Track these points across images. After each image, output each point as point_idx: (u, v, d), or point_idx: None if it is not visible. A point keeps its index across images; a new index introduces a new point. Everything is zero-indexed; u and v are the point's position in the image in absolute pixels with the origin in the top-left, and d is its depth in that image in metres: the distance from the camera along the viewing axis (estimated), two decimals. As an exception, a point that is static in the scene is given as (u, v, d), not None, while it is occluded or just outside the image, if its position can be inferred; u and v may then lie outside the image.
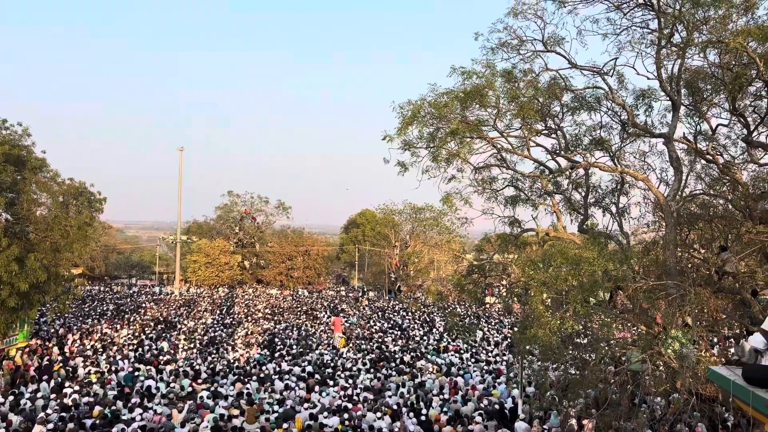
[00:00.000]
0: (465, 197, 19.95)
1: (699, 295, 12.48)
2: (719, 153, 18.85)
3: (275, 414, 17.62)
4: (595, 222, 20.35)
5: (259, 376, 23.40)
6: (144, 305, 47.86)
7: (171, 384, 21.58)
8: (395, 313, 46.64)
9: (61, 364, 24.64)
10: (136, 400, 18.93)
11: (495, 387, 21.29)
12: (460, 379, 22.67)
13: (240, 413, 17.51)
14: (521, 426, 16.22)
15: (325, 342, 33.04)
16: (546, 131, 19.57)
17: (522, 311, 16.98)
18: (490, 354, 29.10)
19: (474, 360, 27.59)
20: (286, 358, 27.87)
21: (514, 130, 19.23)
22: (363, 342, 33.09)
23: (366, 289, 65.96)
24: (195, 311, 45.61)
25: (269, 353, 29.15)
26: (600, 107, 18.93)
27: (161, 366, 24.89)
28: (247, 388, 21.02)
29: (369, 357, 28.04)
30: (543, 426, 16.26)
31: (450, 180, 19.55)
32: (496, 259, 21.16)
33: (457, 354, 28.88)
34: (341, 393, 20.70)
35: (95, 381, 21.69)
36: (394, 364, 26.31)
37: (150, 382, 21.54)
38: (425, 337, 34.71)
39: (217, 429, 16.04)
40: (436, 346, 31.53)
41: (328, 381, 22.63)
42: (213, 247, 67.67)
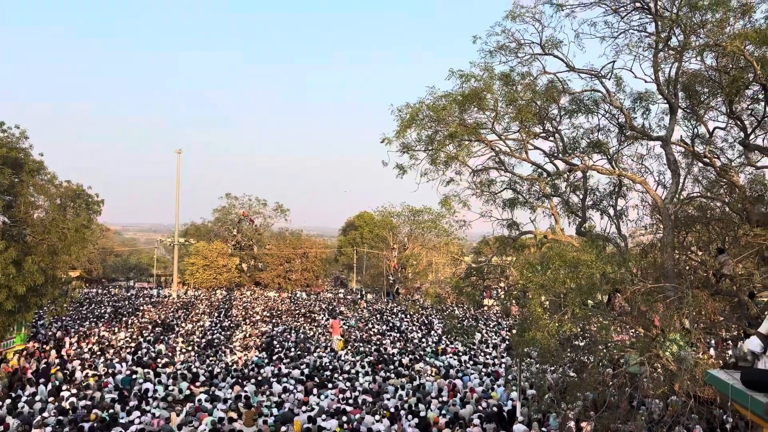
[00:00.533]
0: (463, 200, 19.97)
1: (697, 298, 12.50)
2: (716, 156, 18.90)
3: (273, 417, 17.61)
4: (593, 225, 20.37)
5: (257, 378, 23.37)
6: (142, 308, 47.79)
7: (169, 387, 21.55)
8: (393, 316, 46.63)
9: (59, 367, 24.59)
10: (133, 403, 18.90)
11: (494, 389, 21.29)
12: (458, 382, 22.67)
13: (238, 416, 17.49)
14: (519, 428, 16.23)
15: (324, 345, 33.02)
16: (544, 134, 19.60)
17: (520, 314, 16.98)
18: (488, 356, 29.11)
19: (472, 362, 27.59)
20: (284, 360, 27.84)
21: (512, 133, 19.26)
22: (361, 344, 33.08)
23: (364, 292, 65.92)
24: (193, 314, 45.55)
25: (267, 356, 29.12)
26: (598, 110, 18.97)
27: (159, 369, 24.85)
28: (245, 391, 20.99)
29: (367, 360, 28.02)
30: (542, 428, 16.27)
31: (448, 183, 19.57)
32: (494, 262, 21.17)
33: (456, 356, 28.88)
34: (339, 396, 20.69)
35: (93, 384, 21.64)
36: (392, 366, 26.30)
37: (148, 385, 21.50)
38: (423, 340, 34.70)
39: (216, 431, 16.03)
40: (434, 348, 31.53)
41: (326, 384, 22.61)
42: (211, 250, 67.59)
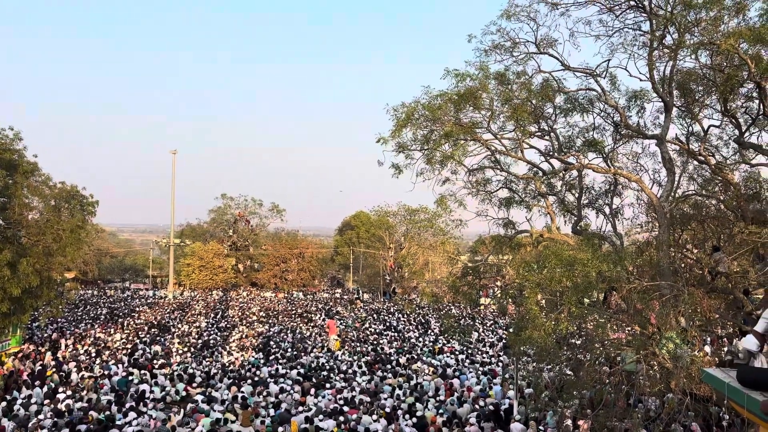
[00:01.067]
0: (459, 199, 20.02)
1: (692, 296, 12.54)
2: (711, 154, 18.96)
3: (270, 417, 17.58)
4: (589, 223, 20.43)
5: (254, 379, 23.33)
6: (137, 309, 47.68)
7: (165, 388, 21.50)
8: (390, 315, 46.62)
9: (55, 369, 24.51)
10: (130, 404, 18.85)
11: (491, 388, 21.30)
12: (455, 381, 22.67)
13: (235, 417, 17.46)
14: (516, 427, 16.23)
15: (320, 345, 32.99)
16: (539, 133, 19.64)
17: (517, 312, 17.00)
18: (485, 355, 29.13)
19: (470, 361, 27.60)
20: (280, 361, 27.81)
21: (507, 132, 19.31)
22: (358, 344, 33.06)
23: (361, 292, 65.91)
24: (189, 315, 45.46)
25: (264, 356, 29.08)
26: (593, 109, 19.03)
27: (155, 370, 24.78)
28: (242, 391, 20.96)
29: (364, 359, 28.01)
30: (539, 427, 16.28)
31: (444, 182, 19.61)
32: (490, 261, 21.19)
33: (453, 355, 28.88)
34: (337, 396, 20.67)
35: (89, 385, 21.58)
36: (389, 366, 26.29)
37: (144, 386, 21.44)
38: (421, 339, 34.70)
39: (212, 433, 16.00)
40: (431, 347, 31.53)
41: (323, 384, 22.59)
42: (207, 250, 67.47)
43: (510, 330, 17.85)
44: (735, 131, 17.84)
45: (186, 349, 30.88)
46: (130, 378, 22.93)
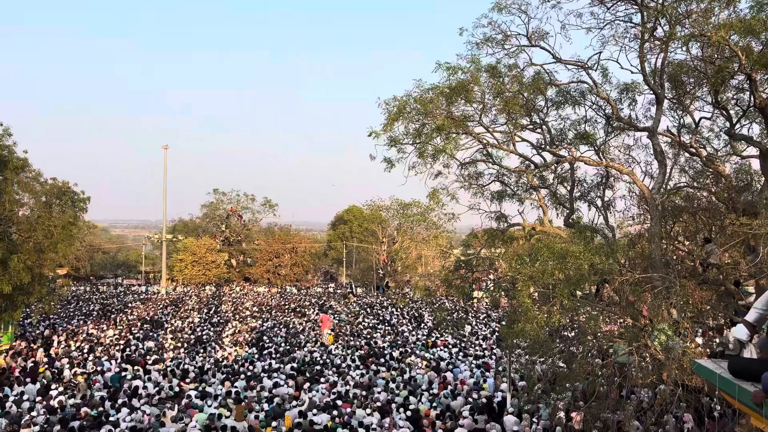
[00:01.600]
0: (451, 193, 20.02)
1: (684, 287, 12.60)
2: (702, 146, 19.04)
3: (264, 412, 17.57)
4: (581, 216, 20.49)
5: (247, 374, 23.31)
6: (130, 305, 47.51)
7: (159, 384, 21.45)
8: (383, 309, 46.67)
9: (47, 366, 24.40)
10: (123, 400, 18.79)
11: (485, 381, 21.37)
12: (449, 374, 22.73)
13: (229, 412, 17.43)
14: (510, 419, 16.28)
15: (314, 339, 33.00)
16: (531, 126, 19.64)
17: (509, 305, 17.04)
18: (478, 348, 29.21)
19: (463, 354, 27.68)
20: (274, 355, 27.80)
21: (499, 125, 19.31)
22: (352, 338, 33.09)
23: (354, 286, 65.94)
24: (182, 310, 45.35)
25: (257, 351, 29.06)
26: (584, 101, 19.05)
27: (149, 366, 24.72)
28: (236, 386, 20.93)
29: (358, 353, 28.04)
30: (532, 419, 16.35)
31: (436, 176, 19.59)
32: (483, 254, 21.22)
33: (446, 349, 28.95)
34: (330, 390, 20.69)
35: (81, 382, 21.49)
36: (383, 360, 26.33)
37: (137, 382, 21.38)
38: (414, 333, 34.76)
39: (206, 428, 15.96)
40: (424, 341, 31.60)
41: (317, 378, 22.60)
42: (199, 246, 67.28)
43: (503, 323, 17.90)
44: (726, 123, 17.91)
45: (179, 345, 30.81)
46: (123, 374, 22.86)
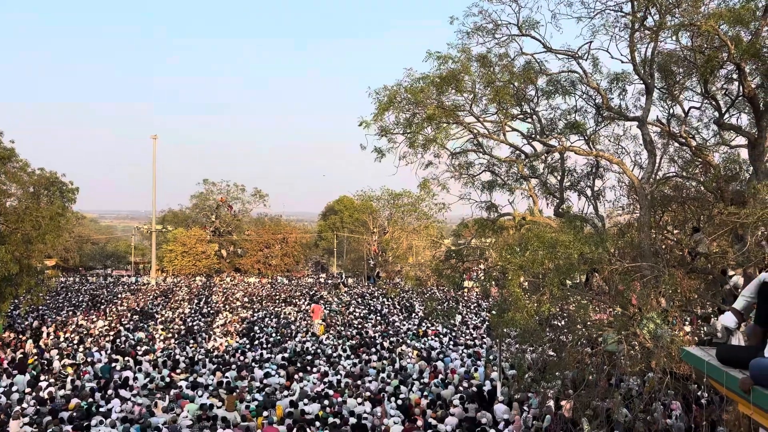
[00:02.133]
0: (442, 183, 20.03)
1: (673, 276, 12.68)
2: (692, 136, 19.12)
3: (255, 402, 17.58)
4: (571, 205, 20.56)
5: (238, 364, 23.32)
6: (120, 296, 47.32)
7: (149, 374, 21.40)
8: (374, 299, 46.76)
9: (36, 357, 24.28)
10: (113, 391, 18.75)
11: (475, 370, 21.49)
12: (439, 364, 22.83)
13: (220, 402, 17.44)
14: (500, 408, 16.39)
15: (304, 329, 33.02)
16: (521, 116, 19.64)
17: (500, 295, 17.11)
18: (469, 337, 29.35)
19: (453, 344, 27.80)
20: (265, 346, 27.80)
21: (490, 115, 19.28)
22: (343, 328, 33.14)
23: (345, 276, 65.95)
24: (172, 301, 45.22)
25: (248, 342, 29.05)
26: (575, 91, 19.06)
27: (139, 357, 24.66)
28: (227, 377, 20.93)
29: (349, 343, 28.09)
30: (523, 407, 16.46)
31: (427, 166, 19.59)
32: (473, 244, 21.27)
33: (437, 338, 29.06)
34: (321, 379, 20.73)
35: (71, 373, 21.41)
36: (374, 349, 26.40)
37: (128, 373, 21.32)
38: (405, 323, 34.86)
39: (197, 418, 15.96)
40: (415, 330, 31.70)
41: (308, 368, 22.63)
42: (189, 236, 67.00)
43: (493, 312, 17.97)
44: (715, 113, 18.00)
45: (170, 336, 30.74)
46: (113, 365, 22.79)
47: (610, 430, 13.75)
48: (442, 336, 29.70)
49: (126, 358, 24.16)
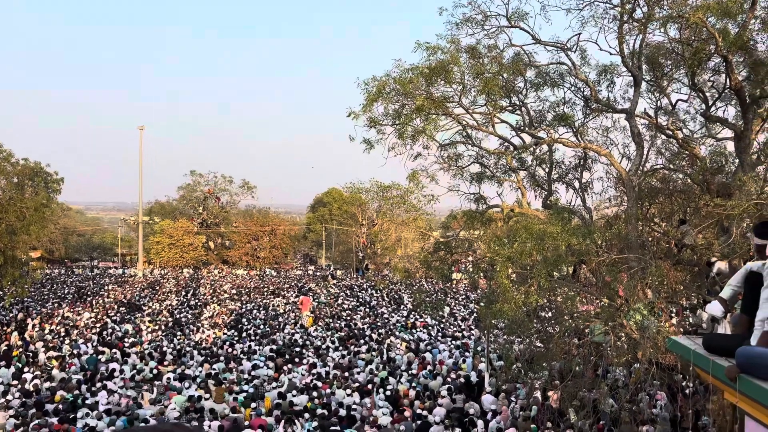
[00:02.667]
0: (431, 174, 19.99)
1: (659, 268, 12.76)
2: (679, 128, 19.19)
3: (244, 394, 17.55)
4: (559, 197, 20.60)
5: (226, 356, 23.26)
6: (107, 288, 47.02)
7: (136, 366, 21.30)
8: (363, 291, 46.80)
9: (21, 349, 24.08)
10: (100, 384, 18.64)
11: (463, 361, 21.57)
12: (428, 355, 22.90)
13: (207, 393, 17.39)
14: (488, 399, 16.47)
15: (293, 321, 32.99)
16: (510, 107, 19.61)
17: (488, 286, 17.14)
18: (457, 329, 29.44)
19: (442, 335, 27.89)
20: (253, 337, 27.75)
21: (479, 106, 19.22)
22: (331, 320, 33.14)
23: (333, 268, 65.90)
24: (160, 293, 45.00)
25: (236, 333, 28.98)
26: (563, 83, 19.02)
27: (126, 349, 24.53)
28: (215, 368, 20.88)
29: (338, 335, 28.11)
30: (510, 398, 16.54)
31: (416, 157, 19.52)
32: (462, 236, 21.28)
33: (425, 330, 29.14)
34: (310, 371, 20.73)
35: (56, 365, 21.24)
36: (363, 341, 26.43)
37: (114, 365, 21.21)
38: (393, 314, 34.92)
39: (185, 410, 15.91)
40: (404, 322, 31.76)
41: (296, 360, 22.62)
42: (176, 228, 66.65)
43: (481, 304, 18.03)
44: (702, 105, 18.06)
45: (157, 328, 30.60)
46: (99, 357, 22.65)
47: (596, 420, 13.86)
48: (430, 327, 29.78)
49: (113, 350, 24.03)
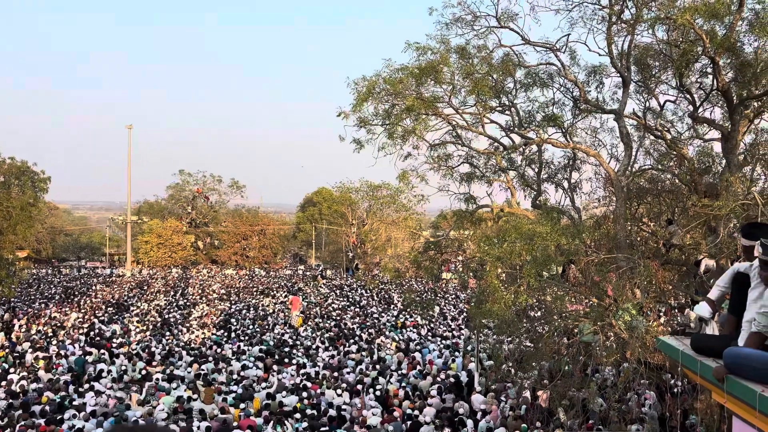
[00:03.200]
0: (421, 174, 20.00)
1: (648, 268, 12.84)
2: (667, 129, 19.32)
3: (233, 395, 17.48)
4: (548, 197, 20.67)
5: (215, 357, 23.16)
6: (94, 288, 46.68)
7: (124, 367, 21.16)
8: (353, 291, 46.76)
9: (8, 350, 23.85)
10: (88, 384, 18.49)
11: (453, 361, 21.61)
12: (418, 355, 22.92)
13: (197, 395, 17.30)
14: (478, 398, 16.50)
15: (283, 321, 32.90)
16: (500, 108, 19.65)
17: (478, 286, 17.19)
18: (447, 329, 29.49)
19: (432, 335, 27.91)
20: (242, 338, 27.66)
21: (468, 106, 19.26)
22: (321, 320, 33.08)
23: (323, 268, 65.80)
24: (148, 293, 44.74)
25: (225, 334, 28.87)
26: (552, 84, 19.09)
27: (114, 349, 24.36)
28: (204, 369, 20.78)
29: (327, 335, 28.07)
30: (500, 398, 16.58)
31: (406, 157, 19.53)
32: (452, 236, 21.31)
33: (415, 330, 29.16)
34: (299, 371, 20.68)
35: (41, 366, 21.06)
36: (352, 341, 26.41)
37: (102, 365, 21.05)
38: (383, 314, 34.91)
39: (174, 411, 15.82)
40: (394, 322, 31.76)
41: (285, 360, 22.56)
42: (165, 228, 66.29)
43: (471, 303, 18.08)
44: (689, 107, 18.19)
45: (145, 328, 30.41)
46: (87, 358, 22.48)
47: (585, 419, 13.93)
48: (420, 327, 29.80)
49: (101, 350, 23.86)
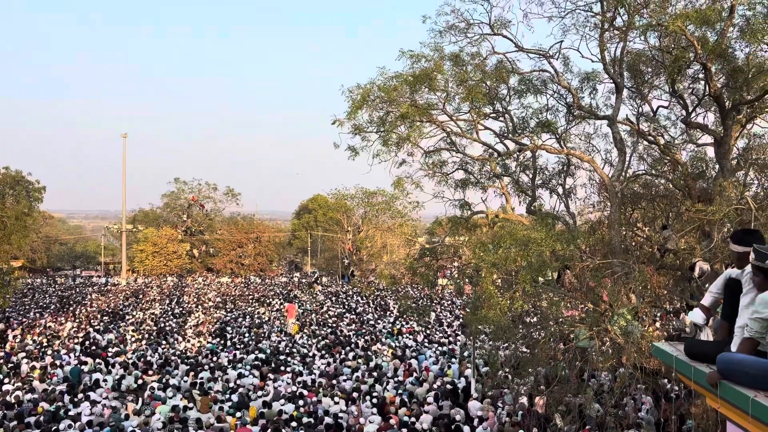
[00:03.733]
0: (416, 181, 20.04)
1: (642, 272, 12.88)
2: (660, 134, 19.43)
3: (229, 403, 17.43)
4: (543, 203, 20.74)
5: (211, 365, 23.08)
6: (89, 297, 46.48)
7: (119, 377, 21.06)
8: (349, 298, 46.69)
9: (2, 360, 23.72)
10: (83, 394, 18.40)
11: (450, 368, 21.59)
12: (413, 361, 22.89)
13: (193, 404, 17.24)
14: (474, 405, 16.48)
15: (278, 329, 32.82)
16: (494, 114, 19.74)
17: (473, 292, 17.21)
18: (443, 335, 29.47)
19: (428, 341, 27.89)
20: (238, 346, 27.57)
21: (462, 113, 19.34)
22: (317, 327, 33.02)
23: (319, 275, 65.72)
24: (143, 302, 44.58)
25: (221, 342, 28.78)
26: (546, 90, 19.19)
27: (109, 358, 24.25)
28: (200, 378, 20.71)
29: (323, 342, 28.02)
30: (497, 404, 16.57)
31: (401, 164, 19.59)
32: (447, 242, 21.34)
33: (411, 336, 29.13)
34: (295, 379, 20.63)
35: (36, 377, 20.94)
36: (349, 348, 26.36)
37: (98, 375, 20.95)
38: (379, 321, 34.87)
39: (170, 420, 15.75)
40: (390, 329, 31.73)
41: (281, 368, 22.50)
42: (160, 236, 66.16)
43: (467, 310, 18.09)
44: (682, 112, 18.30)
45: (140, 337, 30.30)
46: (82, 367, 22.37)
47: (582, 425, 13.94)
48: (416, 334, 29.77)
49: (96, 360, 23.75)
